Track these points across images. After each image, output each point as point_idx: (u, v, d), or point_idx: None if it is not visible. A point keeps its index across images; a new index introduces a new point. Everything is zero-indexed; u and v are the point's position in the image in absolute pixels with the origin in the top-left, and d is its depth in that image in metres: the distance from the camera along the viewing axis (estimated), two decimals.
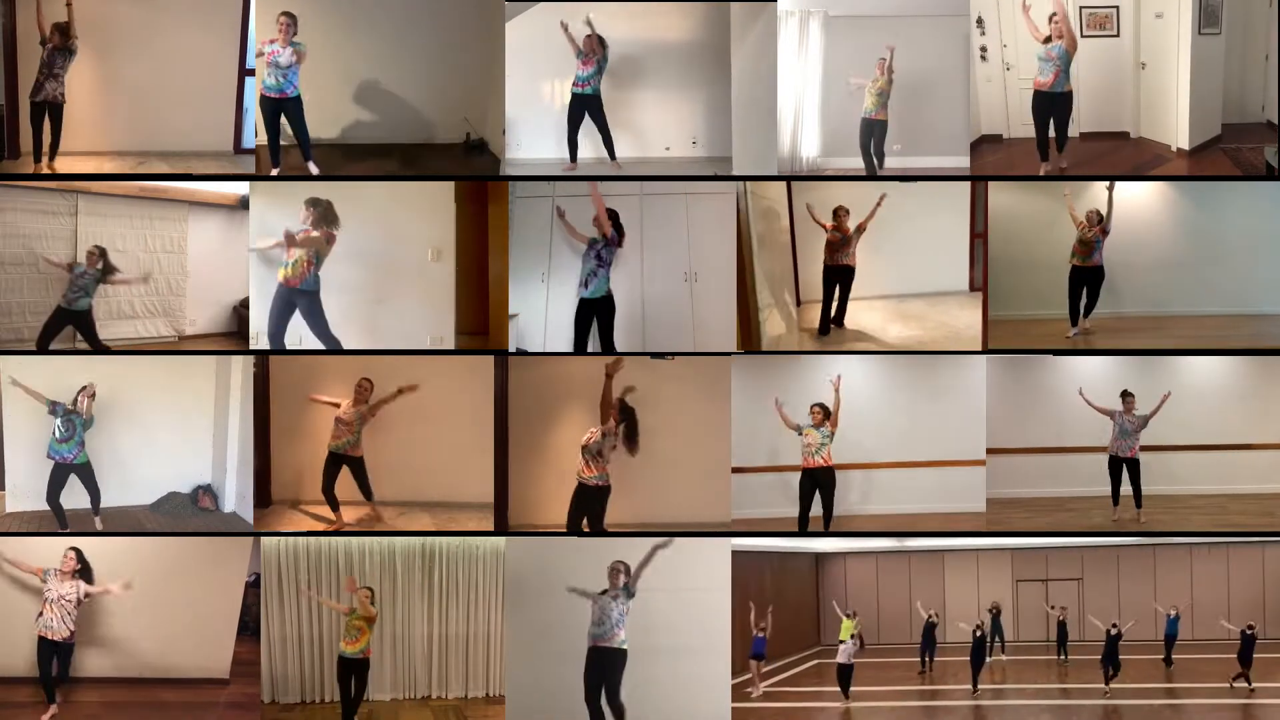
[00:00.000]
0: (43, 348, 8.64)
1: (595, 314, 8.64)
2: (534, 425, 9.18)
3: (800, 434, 8.75)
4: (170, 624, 8.95)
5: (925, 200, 10.25)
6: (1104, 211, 9.07)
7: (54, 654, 8.33)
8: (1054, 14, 8.67)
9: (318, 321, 8.46)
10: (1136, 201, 9.60)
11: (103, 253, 8.73)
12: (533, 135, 9.62)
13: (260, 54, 8.45)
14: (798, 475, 8.80)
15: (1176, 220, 9.84)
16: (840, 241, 9.69)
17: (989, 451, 9.18)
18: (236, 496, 9.23)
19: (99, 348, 8.74)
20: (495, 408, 8.87)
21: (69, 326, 8.68)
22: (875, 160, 9.27)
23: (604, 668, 7.78)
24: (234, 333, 9.66)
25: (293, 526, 8.97)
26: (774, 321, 9.09)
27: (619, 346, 8.70)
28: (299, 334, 8.76)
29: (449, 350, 8.90)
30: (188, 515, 9.27)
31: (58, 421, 8.65)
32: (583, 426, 8.97)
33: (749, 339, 8.70)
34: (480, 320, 9.25)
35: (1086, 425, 9.53)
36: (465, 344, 9.10)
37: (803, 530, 8.82)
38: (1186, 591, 12.09)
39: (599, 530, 8.34)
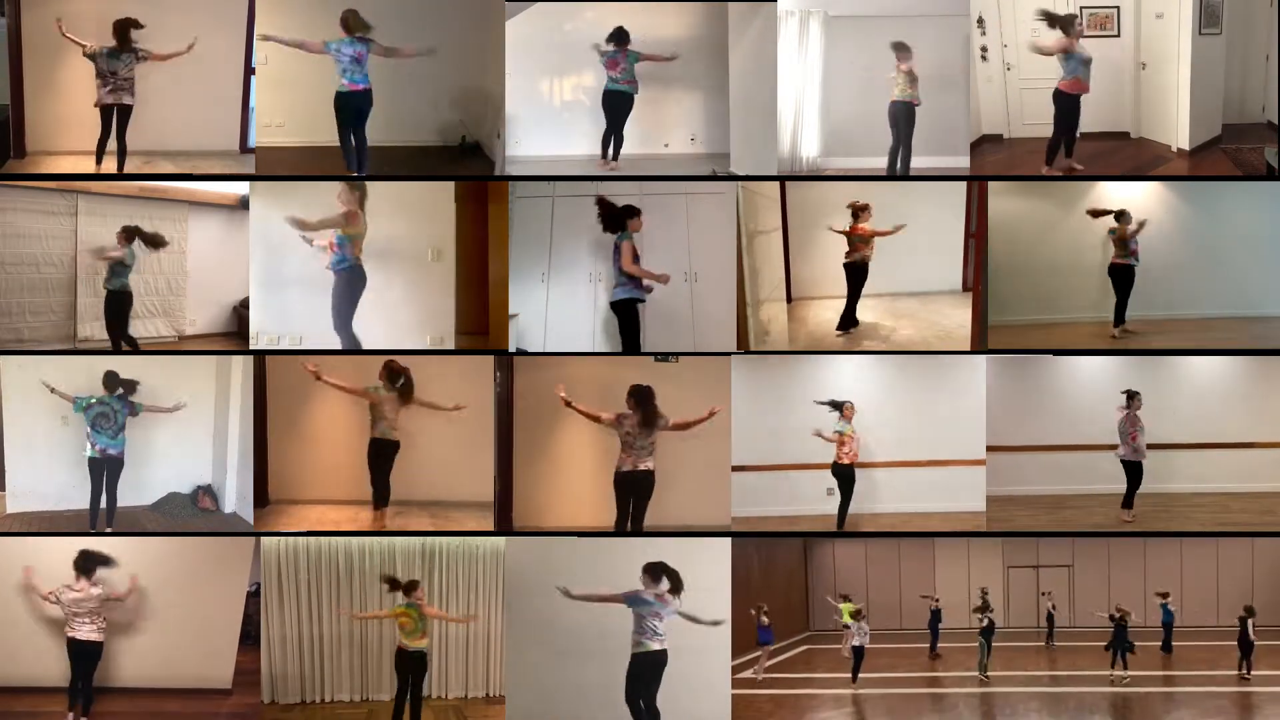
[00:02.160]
0: (120, 337, 8.75)
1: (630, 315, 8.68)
2: (537, 427, 9.18)
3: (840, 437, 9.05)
4: (172, 632, 8.94)
5: (922, 199, 10.26)
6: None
7: (84, 656, 8.27)
8: (1076, 17, 8.72)
9: (337, 308, 8.53)
10: (1136, 203, 9.60)
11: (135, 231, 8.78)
12: (532, 133, 9.63)
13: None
14: (799, 474, 8.82)
15: (1176, 221, 9.83)
16: (869, 236, 9.77)
17: (990, 449, 9.18)
18: (237, 497, 9.23)
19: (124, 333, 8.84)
20: (499, 409, 8.87)
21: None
22: (904, 151, 9.20)
23: (655, 675, 7.63)
24: (234, 333, 9.66)
25: (292, 526, 8.97)
26: (766, 317, 9.10)
27: (621, 346, 8.75)
28: (299, 334, 8.78)
29: (449, 350, 8.90)
30: (188, 516, 9.27)
31: (117, 413, 8.66)
32: (586, 428, 8.99)
33: (748, 338, 8.70)
34: (480, 320, 9.25)
35: (1089, 423, 9.55)
36: (465, 344, 9.09)
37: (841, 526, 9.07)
38: (1176, 579, 12.12)
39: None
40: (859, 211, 9.67)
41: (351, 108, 8.47)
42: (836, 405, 9.10)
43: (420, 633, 8.18)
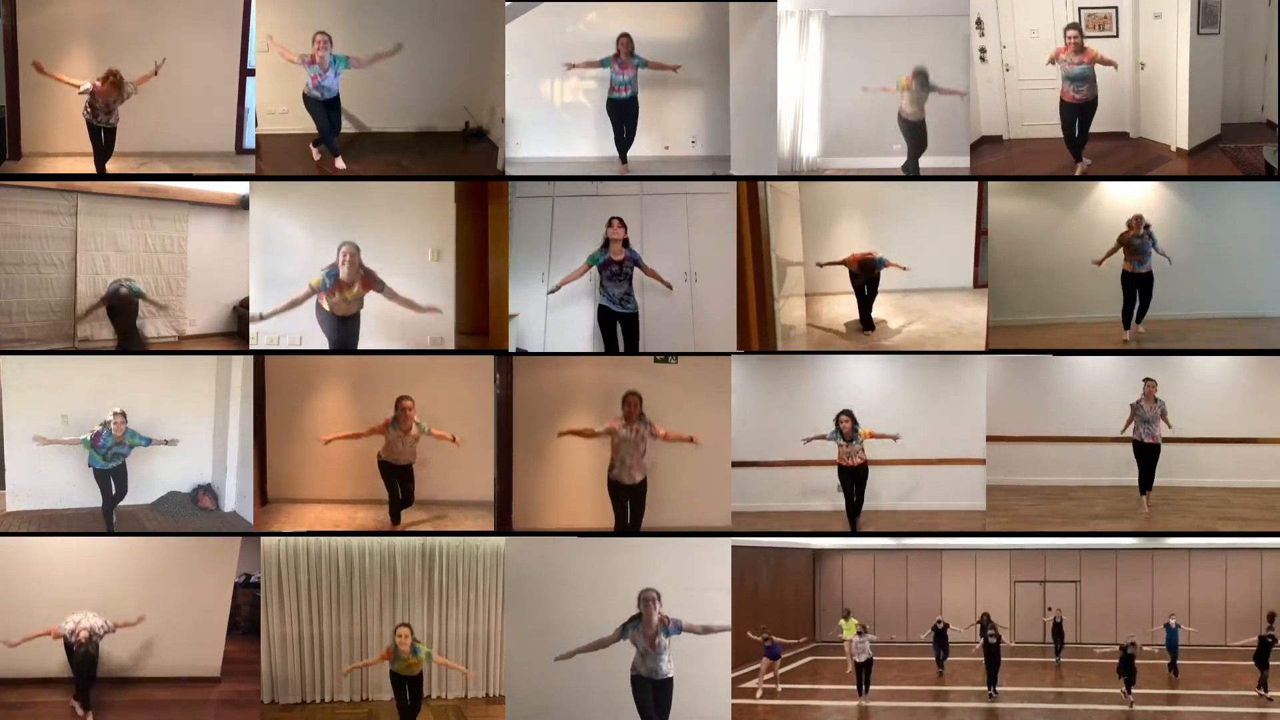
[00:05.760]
0: (126, 335, 8.87)
1: (621, 323, 8.72)
2: (537, 427, 9.18)
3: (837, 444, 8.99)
4: (163, 622, 8.96)
5: (933, 197, 10.27)
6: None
7: (85, 659, 8.39)
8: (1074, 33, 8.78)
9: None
10: (1136, 202, 9.61)
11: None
12: (532, 134, 9.63)
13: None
14: (800, 471, 8.81)
15: (1177, 221, 9.84)
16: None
17: (992, 439, 9.18)
18: (237, 496, 9.24)
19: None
20: (499, 409, 8.87)
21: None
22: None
23: (662, 700, 7.56)
24: (234, 333, 9.66)
25: (290, 525, 8.97)
26: (790, 310, 9.12)
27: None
28: (299, 334, 8.77)
29: (449, 350, 8.90)
30: (188, 515, 9.27)
31: (97, 454, 8.71)
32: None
33: (751, 338, 8.70)
34: (480, 320, 9.26)
35: (1091, 417, 9.54)
36: (465, 344, 9.09)
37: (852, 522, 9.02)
38: (1184, 595, 12.07)
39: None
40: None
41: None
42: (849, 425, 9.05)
43: (407, 665, 8.17)
